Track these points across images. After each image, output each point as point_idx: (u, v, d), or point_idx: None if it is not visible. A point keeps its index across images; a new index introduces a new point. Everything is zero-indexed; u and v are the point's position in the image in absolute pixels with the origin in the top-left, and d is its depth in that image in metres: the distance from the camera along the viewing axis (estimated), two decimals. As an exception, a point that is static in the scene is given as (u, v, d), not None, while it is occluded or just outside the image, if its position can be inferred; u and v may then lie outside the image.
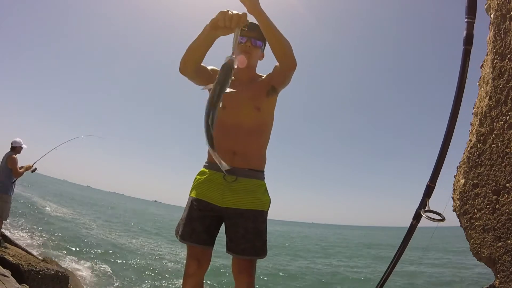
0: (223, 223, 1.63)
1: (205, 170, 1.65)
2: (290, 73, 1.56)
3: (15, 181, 5.27)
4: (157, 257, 11.45)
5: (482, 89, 1.25)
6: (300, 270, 12.27)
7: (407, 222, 1.49)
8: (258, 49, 1.69)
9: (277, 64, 1.58)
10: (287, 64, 1.51)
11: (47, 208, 20.92)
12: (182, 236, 1.56)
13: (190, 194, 1.64)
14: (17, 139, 5.46)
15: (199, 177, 1.65)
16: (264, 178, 1.68)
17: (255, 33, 1.60)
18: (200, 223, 1.55)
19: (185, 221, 1.58)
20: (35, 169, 5.49)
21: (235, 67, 1.19)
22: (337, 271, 12.73)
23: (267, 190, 1.68)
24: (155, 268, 9.64)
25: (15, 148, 5.41)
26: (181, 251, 12.93)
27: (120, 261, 9.63)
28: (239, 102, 1.58)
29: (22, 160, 5.40)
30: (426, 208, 1.35)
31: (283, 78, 1.60)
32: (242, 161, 1.59)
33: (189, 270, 1.52)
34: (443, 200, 1.35)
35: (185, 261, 1.57)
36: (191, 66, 1.50)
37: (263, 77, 1.70)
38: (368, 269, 13.52)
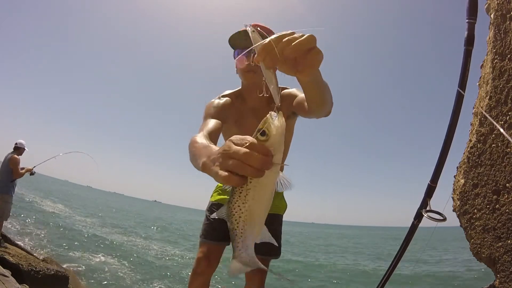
0: None
1: None
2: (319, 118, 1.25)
3: (14, 180, 5.27)
4: (158, 256, 11.44)
5: (482, 89, 1.25)
6: (300, 269, 12.26)
7: (406, 222, 1.49)
8: None
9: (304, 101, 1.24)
10: (321, 115, 1.18)
11: (47, 208, 20.91)
12: (205, 235, 1.62)
13: (210, 198, 1.75)
14: (21, 141, 5.48)
15: None
16: None
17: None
18: (219, 224, 1.60)
19: (206, 222, 1.67)
20: (34, 172, 5.59)
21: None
22: (338, 271, 12.71)
23: (284, 197, 1.77)
24: (157, 267, 9.63)
25: (19, 149, 5.41)
26: (183, 251, 12.94)
27: (121, 260, 9.62)
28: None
29: (20, 160, 5.45)
30: (428, 208, 1.35)
31: (308, 117, 1.33)
32: None
33: (198, 269, 1.53)
34: (443, 200, 1.35)
35: (188, 261, 1.58)
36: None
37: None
38: (368, 269, 13.50)
